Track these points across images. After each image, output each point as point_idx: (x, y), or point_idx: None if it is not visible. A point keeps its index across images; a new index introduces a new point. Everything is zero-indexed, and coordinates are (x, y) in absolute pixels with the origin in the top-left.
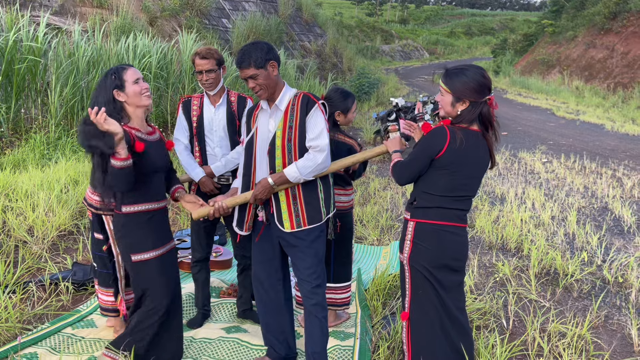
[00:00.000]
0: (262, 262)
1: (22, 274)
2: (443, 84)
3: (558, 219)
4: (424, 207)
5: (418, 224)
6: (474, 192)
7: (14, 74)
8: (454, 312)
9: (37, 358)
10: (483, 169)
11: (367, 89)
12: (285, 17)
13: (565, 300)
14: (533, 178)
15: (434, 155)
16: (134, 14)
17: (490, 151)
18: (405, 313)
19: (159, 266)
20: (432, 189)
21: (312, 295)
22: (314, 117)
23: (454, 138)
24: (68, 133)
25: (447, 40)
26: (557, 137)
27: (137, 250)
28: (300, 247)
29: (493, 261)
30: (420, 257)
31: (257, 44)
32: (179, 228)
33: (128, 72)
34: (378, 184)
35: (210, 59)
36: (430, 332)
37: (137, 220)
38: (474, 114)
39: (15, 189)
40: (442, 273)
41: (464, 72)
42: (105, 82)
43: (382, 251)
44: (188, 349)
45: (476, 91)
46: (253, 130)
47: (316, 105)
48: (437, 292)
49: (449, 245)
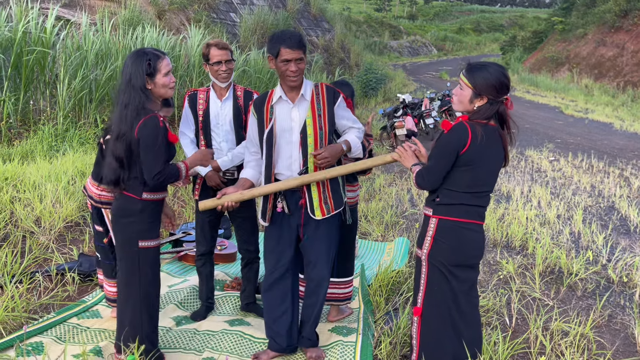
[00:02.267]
0: (275, 251)
1: (29, 264)
2: (464, 78)
3: (564, 218)
4: (447, 204)
5: (441, 220)
6: (492, 188)
7: (22, 65)
8: (466, 309)
9: (42, 347)
10: (500, 164)
11: (374, 84)
12: (293, 12)
13: (569, 299)
14: (539, 176)
15: (459, 150)
16: (142, 7)
17: (504, 148)
18: (417, 308)
19: (157, 256)
20: (455, 185)
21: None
22: (342, 106)
23: (475, 133)
24: (76, 125)
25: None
26: (565, 135)
27: (145, 237)
28: (321, 233)
29: (497, 259)
30: (440, 254)
31: (298, 33)
32: (184, 221)
33: (163, 62)
34: (383, 180)
35: (227, 49)
36: (441, 328)
37: (152, 207)
38: (491, 112)
39: (23, 180)
40: (460, 270)
41: (487, 69)
42: (140, 65)
43: (386, 247)
44: (191, 341)
45: (496, 89)
46: (272, 123)
47: (341, 96)
48: (452, 289)
49: (469, 243)
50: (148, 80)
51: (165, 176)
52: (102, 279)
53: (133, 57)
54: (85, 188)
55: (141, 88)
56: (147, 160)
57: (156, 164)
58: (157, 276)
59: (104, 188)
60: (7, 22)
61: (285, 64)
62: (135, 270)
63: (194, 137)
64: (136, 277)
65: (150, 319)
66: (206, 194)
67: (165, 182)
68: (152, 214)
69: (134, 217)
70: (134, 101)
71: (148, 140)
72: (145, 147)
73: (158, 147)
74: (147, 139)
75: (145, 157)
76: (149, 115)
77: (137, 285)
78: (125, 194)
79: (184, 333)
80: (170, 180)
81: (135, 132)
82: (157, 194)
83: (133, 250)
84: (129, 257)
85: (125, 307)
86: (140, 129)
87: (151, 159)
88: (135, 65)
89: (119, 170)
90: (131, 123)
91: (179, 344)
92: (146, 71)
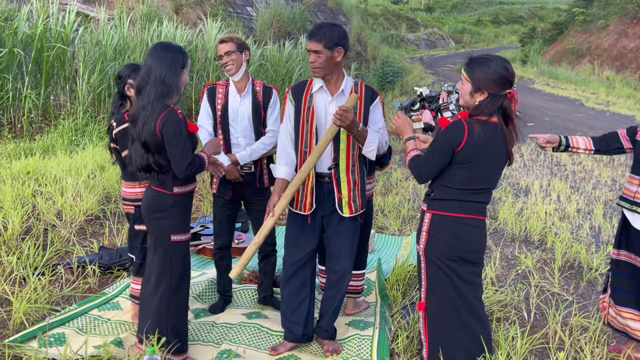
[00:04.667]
0: (298, 242)
1: (50, 257)
2: (464, 72)
3: (584, 212)
4: (440, 199)
5: (434, 215)
6: (493, 185)
7: (43, 61)
8: (471, 302)
9: (64, 338)
10: (502, 162)
11: (391, 77)
12: (309, 5)
13: (589, 294)
14: (559, 170)
15: (455, 148)
16: (159, 1)
17: (507, 147)
18: (421, 303)
19: (188, 249)
20: (450, 182)
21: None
22: (377, 108)
23: (472, 131)
24: (95, 120)
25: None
26: (585, 128)
27: (177, 231)
28: (345, 228)
29: (516, 253)
30: (435, 248)
31: (336, 26)
32: (202, 215)
33: (189, 61)
34: (400, 174)
35: (229, 42)
36: (446, 322)
37: (184, 200)
38: (493, 107)
39: (44, 174)
40: (458, 265)
41: (487, 63)
42: (176, 61)
43: (403, 241)
44: (210, 334)
45: (496, 83)
46: (310, 112)
47: (379, 97)
48: (453, 283)
49: (464, 237)
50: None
51: (195, 166)
52: (133, 278)
53: (166, 52)
54: (125, 197)
55: (172, 81)
56: (176, 154)
57: (185, 157)
58: (188, 269)
59: (146, 184)
60: (28, 18)
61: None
62: (167, 263)
63: (212, 131)
64: (167, 270)
65: (177, 310)
66: (224, 187)
67: (195, 173)
68: (184, 207)
69: (167, 212)
70: (160, 93)
71: (172, 135)
72: (170, 142)
73: (184, 140)
74: (171, 134)
75: (173, 152)
76: (167, 109)
77: (168, 278)
78: (157, 190)
79: (202, 325)
80: (199, 171)
81: (157, 129)
82: (188, 186)
83: (166, 244)
84: (160, 251)
85: (152, 299)
86: (162, 126)
87: (179, 152)
88: (173, 59)
89: (147, 155)
90: (156, 114)
91: (198, 336)
92: (183, 64)
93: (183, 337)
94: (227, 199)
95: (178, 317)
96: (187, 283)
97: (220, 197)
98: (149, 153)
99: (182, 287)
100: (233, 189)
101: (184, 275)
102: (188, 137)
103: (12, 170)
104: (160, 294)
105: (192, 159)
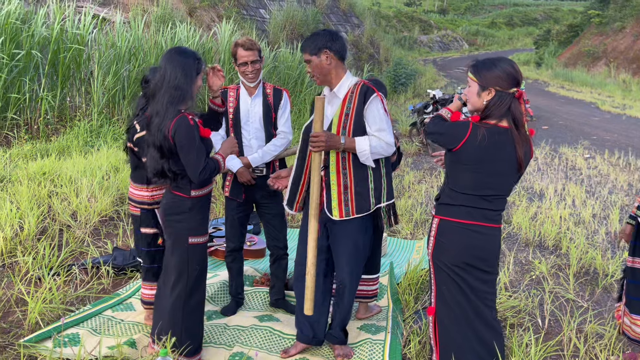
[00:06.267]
0: (306, 243)
1: (65, 257)
2: (470, 74)
3: (599, 217)
4: (447, 204)
5: (442, 221)
6: (505, 192)
7: (59, 63)
8: (481, 309)
9: (79, 339)
10: (512, 168)
11: (404, 80)
12: (322, 7)
13: (604, 301)
14: (574, 174)
15: (449, 145)
16: (174, 4)
17: (517, 152)
18: (431, 308)
19: (205, 251)
20: (456, 185)
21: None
22: (372, 106)
23: (474, 134)
24: (109, 121)
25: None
26: (601, 132)
27: (195, 234)
28: (342, 235)
29: (530, 258)
30: (441, 254)
31: (320, 32)
32: (214, 217)
33: (203, 66)
34: (413, 177)
35: (254, 49)
36: (456, 328)
37: (201, 203)
38: (502, 107)
39: (60, 175)
40: (465, 272)
41: (492, 62)
42: (191, 66)
43: (415, 245)
44: (221, 336)
45: (502, 79)
46: (312, 116)
47: (375, 94)
48: (461, 289)
49: (472, 244)
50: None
51: (209, 171)
52: (144, 283)
53: (180, 56)
54: (131, 198)
55: (186, 87)
56: (189, 160)
57: (199, 162)
58: (204, 271)
59: (154, 188)
60: (45, 20)
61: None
62: (184, 265)
63: (224, 134)
64: (185, 272)
65: (192, 312)
66: (237, 190)
67: (209, 178)
68: (201, 210)
69: (184, 215)
70: (173, 98)
71: (184, 142)
72: (182, 149)
73: (197, 146)
74: (183, 141)
75: (186, 157)
76: (178, 115)
77: (185, 280)
78: (175, 193)
79: (214, 328)
80: (214, 174)
81: (170, 135)
82: (205, 189)
83: (183, 246)
84: (178, 253)
85: (167, 300)
86: (174, 132)
87: (192, 158)
88: (188, 64)
89: (162, 161)
90: (169, 120)
91: (210, 338)
92: (197, 70)
93: (197, 339)
94: (239, 201)
95: (193, 319)
96: (203, 285)
97: (232, 199)
98: (163, 158)
99: (199, 289)
100: (246, 191)
101: (201, 278)
102: (201, 142)
103: (28, 171)
104: (176, 295)
105: (206, 164)
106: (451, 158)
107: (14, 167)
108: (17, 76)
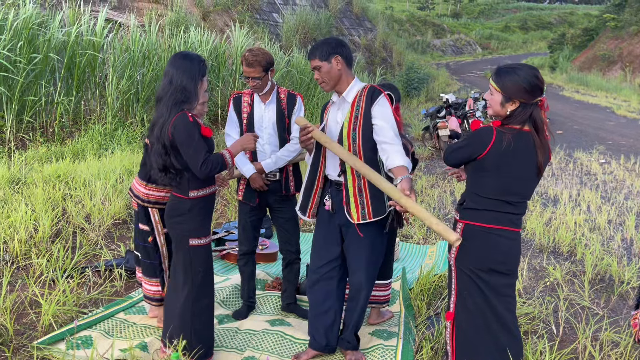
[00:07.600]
0: (321, 249)
1: (79, 260)
2: (493, 83)
3: (615, 223)
4: (472, 209)
5: (467, 225)
6: (528, 196)
7: (75, 67)
8: (502, 314)
9: (91, 341)
10: (535, 171)
11: (417, 84)
12: (335, 11)
13: (620, 309)
14: (589, 179)
15: (475, 154)
16: (187, 8)
17: (537, 156)
18: (450, 313)
19: (209, 253)
20: (481, 190)
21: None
22: (379, 106)
23: (499, 140)
24: (124, 125)
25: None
26: (616, 137)
27: (195, 235)
28: (359, 239)
29: (544, 265)
30: (466, 258)
31: (328, 39)
32: (226, 220)
33: (207, 69)
34: (425, 182)
35: (256, 67)
36: (474, 334)
37: (201, 204)
38: (525, 115)
39: (74, 178)
40: (489, 276)
41: (516, 71)
42: (196, 69)
43: (427, 250)
44: (233, 340)
45: (527, 92)
46: (324, 123)
47: (382, 95)
48: (483, 294)
49: (496, 248)
50: (196, 82)
51: (211, 164)
52: (140, 276)
53: (185, 60)
54: (131, 189)
55: (191, 89)
56: (189, 155)
57: (199, 155)
58: (210, 273)
59: (151, 187)
60: (60, 25)
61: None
62: (187, 267)
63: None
64: (189, 274)
65: (200, 315)
66: (250, 194)
67: (213, 172)
68: (202, 211)
69: (184, 216)
70: (179, 100)
71: (182, 138)
72: (182, 145)
73: (197, 141)
74: (182, 137)
75: (186, 153)
76: (177, 114)
77: (190, 283)
78: (175, 194)
79: (226, 331)
80: (217, 169)
81: (169, 133)
82: (204, 190)
83: (185, 248)
84: (181, 255)
85: (176, 303)
86: (174, 129)
87: (192, 152)
88: (191, 68)
89: (166, 156)
90: (173, 116)
91: (222, 342)
92: (202, 72)
93: (208, 342)
94: (252, 205)
95: (202, 322)
96: (210, 287)
97: (246, 204)
98: (167, 155)
99: (205, 291)
100: (259, 196)
101: (206, 280)
102: (200, 138)
103: (43, 174)
104: (183, 297)
105: (207, 157)
106: (474, 166)
107: (30, 169)
108: (34, 80)
